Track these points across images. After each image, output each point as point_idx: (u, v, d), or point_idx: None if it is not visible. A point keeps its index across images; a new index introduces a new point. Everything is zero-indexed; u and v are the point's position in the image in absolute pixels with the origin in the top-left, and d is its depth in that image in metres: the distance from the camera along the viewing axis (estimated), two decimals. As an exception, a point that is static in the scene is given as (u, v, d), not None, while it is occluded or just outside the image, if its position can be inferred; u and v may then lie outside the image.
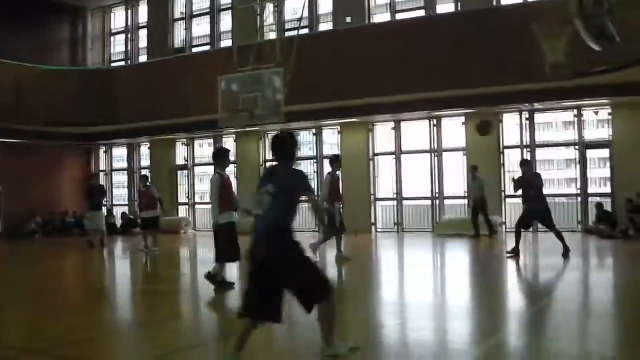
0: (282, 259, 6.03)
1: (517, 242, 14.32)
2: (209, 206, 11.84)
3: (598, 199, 19.66)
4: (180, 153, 27.06)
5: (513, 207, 20.51)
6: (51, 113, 23.47)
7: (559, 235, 14.17)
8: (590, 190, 20.10)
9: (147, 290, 12.30)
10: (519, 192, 14.99)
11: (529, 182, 14.33)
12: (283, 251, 6.09)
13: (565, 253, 13.87)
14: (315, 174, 23.16)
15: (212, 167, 24.83)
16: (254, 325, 6.04)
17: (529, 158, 18.94)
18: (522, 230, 14.63)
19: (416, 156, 22.15)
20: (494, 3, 19.89)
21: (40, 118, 23.47)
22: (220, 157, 11.35)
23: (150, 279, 14.37)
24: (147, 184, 19.17)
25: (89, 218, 19.93)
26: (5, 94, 22.68)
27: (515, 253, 14.19)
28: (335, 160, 14.99)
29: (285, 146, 6.37)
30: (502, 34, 17.30)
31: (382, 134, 22.76)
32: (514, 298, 10.66)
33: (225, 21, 25.12)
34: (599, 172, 20.85)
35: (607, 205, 19.20)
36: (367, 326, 8.24)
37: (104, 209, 22.40)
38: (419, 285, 11.88)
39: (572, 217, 19.88)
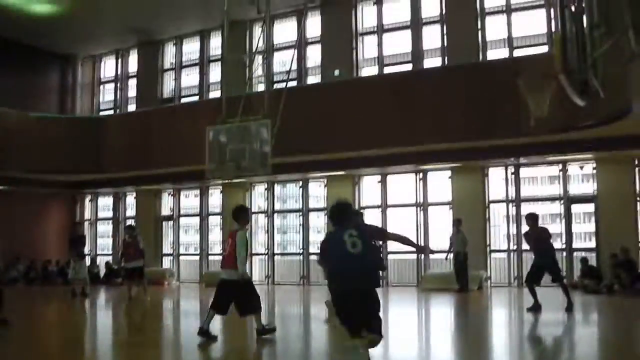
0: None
1: (535, 296, 14.11)
2: (214, 257, 11.71)
3: (583, 253, 19.67)
4: (166, 203, 26.99)
5: (498, 262, 20.55)
6: (38, 160, 23.43)
7: (565, 289, 14.12)
8: (575, 245, 20.15)
9: (128, 342, 12.12)
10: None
11: (538, 235, 14.32)
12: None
13: (569, 307, 13.80)
14: (301, 227, 23.19)
15: (198, 219, 24.92)
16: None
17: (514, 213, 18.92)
18: (534, 285, 14.43)
19: (402, 209, 22.16)
20: (481, 58, 20.16)
21: (26, 165, 23.39)
22: (242, 213, 11.04)
23: (133, 330, 14.17)
24: (134, 234, 19.11)
25: (73, 267, 19.68)
26: (-8, 139, 22.69)
27: (536, 308, 13.99)
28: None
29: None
30: (489, 89, 17.48)
31: (369, 186, 22.80)
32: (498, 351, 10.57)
33: (215, 72, 25.34)
34: (584, 227, 20.93)
35: (592, 260, 19.20)
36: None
37: (87, 259, 22.25)
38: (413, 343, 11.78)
39: (557, 272, 19.84)
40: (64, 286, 21.57)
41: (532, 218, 14.63)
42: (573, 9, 10.31)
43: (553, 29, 14.86)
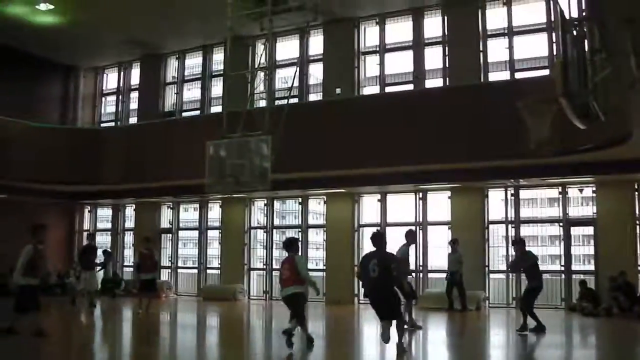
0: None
1: (536, 319, 14.24)
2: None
3: (582, 276, 19.60)
4: (166, 216, 26.99)
5: (497, 283, 20.51)
6: (37, 170, 23.37)
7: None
8: (574, 267, 20.08)
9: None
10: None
11: (530, 259, 14.51)
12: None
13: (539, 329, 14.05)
14: (300, 243, 23.13)
15: (197, 232, 24.91)
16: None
17: (520, 237, 18.83)
18: (532, 308, 14.48)
19: (401, 229, 22.05)
20: (482, 79, 20.21)
21: (25, 174, 23.32)
22: (294, 244, 12.35)
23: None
24: (149, 246, 19.34)
25: (84, 278, 19.83)
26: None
27: (539, 329, 14.07)
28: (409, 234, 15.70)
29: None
30: (489, 110, 17.50)
31: (368, 205, 22.78)
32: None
33: (216, 87, 25.41)
34: (583, 250, 20.88)
35: (591, 283, 19.14)
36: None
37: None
38: None
39: (555, 294, 19.77)
40: (63, 297, 21.38)
41: (522, 243, 15.05)
42: (575, 33, 10.34)
43: (555, 53, 14.92)
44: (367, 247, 22.10)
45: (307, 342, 11.86)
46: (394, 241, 21.35)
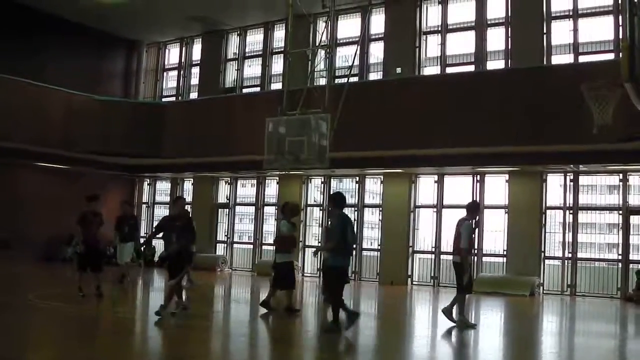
0: None
1: None
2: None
3: (639, 266, 19.29)
4: (223, 191, 27.28)
5: (552, 269, 20.30)
6: (99, 143, 23.93)
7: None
8: (632, 257, 19.75)
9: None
10: None
11: None
12: None
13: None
14: (356, 222, 23.19)
15: (253, 208, 25.11)
16: None
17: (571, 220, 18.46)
18: None
19: (458, 211, 21.90)
20: (545, 62, 19.92)
21: (88, 146, 23.90)
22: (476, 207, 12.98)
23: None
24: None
25: (119, 251, 18.80)
26: (58, 121, 23.29)
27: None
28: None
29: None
30: (552, 93, 17.25)
31: (425, 186, 22.67)
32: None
33: (277, 64, 25.51)
34: (643, 240, 20.49)
35: (649, 274, 18.85)
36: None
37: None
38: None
39: (611, 283, 19.50)
40: (114, 266, 20.91)
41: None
42: (643, 16, 10.13)
43: (621, 36, 14.65)
44: (423, 227, 22.15)
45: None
46: (450, 224, 21.60)
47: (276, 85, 24.90)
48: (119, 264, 18.73)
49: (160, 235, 12.71)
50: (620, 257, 19.56)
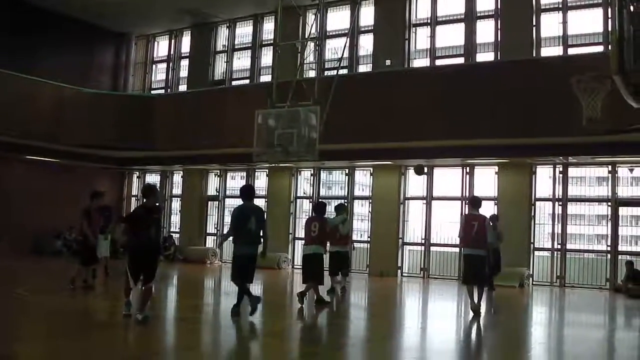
0: None
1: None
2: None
3: (628, 257, 19.40)
4: (213, 184, 27.25)
5: (542, 260, 20.39)
6: (88, 135, 23.84)
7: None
8: (620, 248, 19.85)
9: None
10: None
11: None
12: None
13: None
14: (349, 214, 23.16)
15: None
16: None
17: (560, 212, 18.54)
18: None
19: (447, 203, 22.03)
20: (534, 54, 19.96)
21: (77, 139, 23.81)
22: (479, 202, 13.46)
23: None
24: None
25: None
26: (47, 114, 23.20)
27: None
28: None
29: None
30: (541, 86, 17.29)
31: (414, 178, 22.66)
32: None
33: (267, 57, 25.48)
34: (631, 230, 20.62)
35: (638, 264, 18.93)
36: None
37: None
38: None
39: (600, 274, 19.62)
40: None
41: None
42: (632, 8, 10.14)
43: (610, 29, 14.68)
44: (413, 219, 22.20)
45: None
46: (440, 215, 21.68)
47: (266, 78, 24.85)
48: (99, 258, 17.44)
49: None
50: (609, 248, 19.68)
